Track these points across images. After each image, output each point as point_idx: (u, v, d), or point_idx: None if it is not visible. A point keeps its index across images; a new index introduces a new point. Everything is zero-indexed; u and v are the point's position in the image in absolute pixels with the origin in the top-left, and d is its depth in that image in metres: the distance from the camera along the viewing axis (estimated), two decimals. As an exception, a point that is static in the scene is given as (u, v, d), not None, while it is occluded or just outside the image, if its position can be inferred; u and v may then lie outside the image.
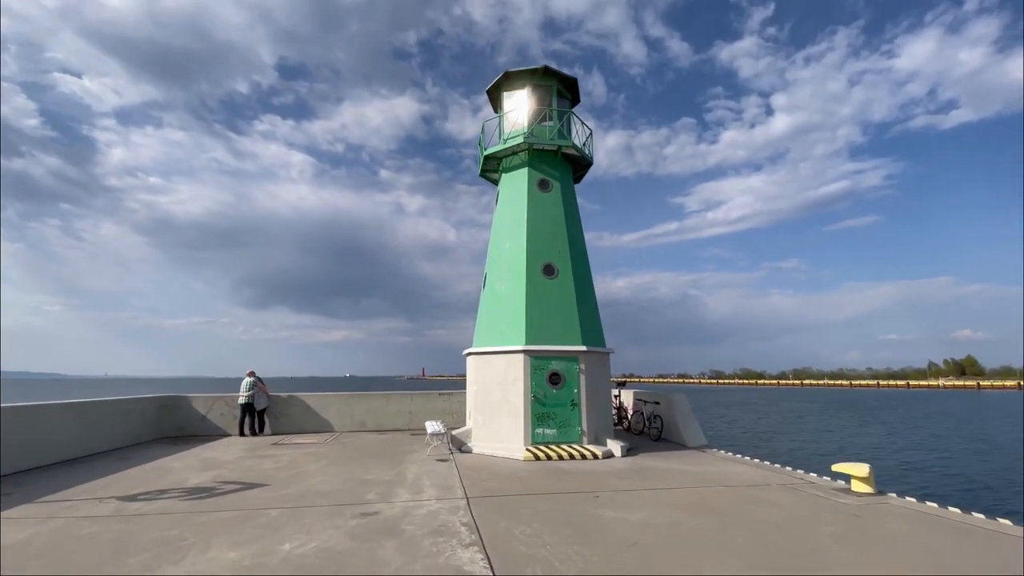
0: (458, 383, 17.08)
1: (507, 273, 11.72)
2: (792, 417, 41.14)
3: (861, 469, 7.62)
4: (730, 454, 11.07)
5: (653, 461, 10.04)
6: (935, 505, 6.88)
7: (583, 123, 13.19)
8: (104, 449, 11.27)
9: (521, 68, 12.66)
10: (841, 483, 8.15)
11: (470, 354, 11.95)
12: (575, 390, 10.72)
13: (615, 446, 10.52)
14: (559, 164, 12.63)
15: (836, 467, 7.93)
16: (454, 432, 11.32)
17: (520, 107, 12.75)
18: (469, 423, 11.80)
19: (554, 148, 12.39)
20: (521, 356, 10.68)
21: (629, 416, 14.49)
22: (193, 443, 12.44)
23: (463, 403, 14.51)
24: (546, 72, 12.66)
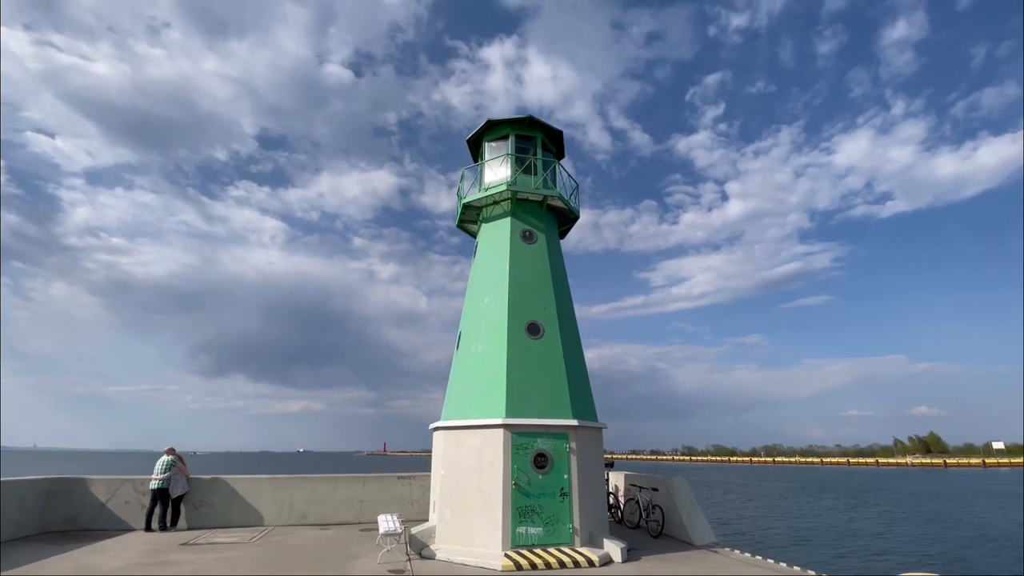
0: (421, 461, 14.72)
1: (485, 332, 10.15)
2: (778, 499, 38.99)
3: (936, 586, 5.98)
4: (747, 555, 9.21)
5: (662, 568, 8.09)
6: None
7: (570, 176, 12.35)
8: (-51, 554, 8.54)
9: (505, 117, 11.91)
10: (905, 602, 6.45)
11: (438, 429, 10.03)
12: (565, 475, 8.87)
13: (614, 548, 8.54)
14: (544, 216, 11.56)
15: (903, 582, 6.27)
16: (414, 531, 9.12)
17: (503, 156, 11.83)
18: (433, 518, 9.63)
19: (539, 198, 11.36)
20: (500, 432, 8.87)
21: (622, 505, 12.48)
22: (83, 540, 9.76)
23: (426, 489, 12.25)
24: (531, 122, 11.92)
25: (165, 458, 11.53)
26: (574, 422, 9.12)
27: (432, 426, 10.31)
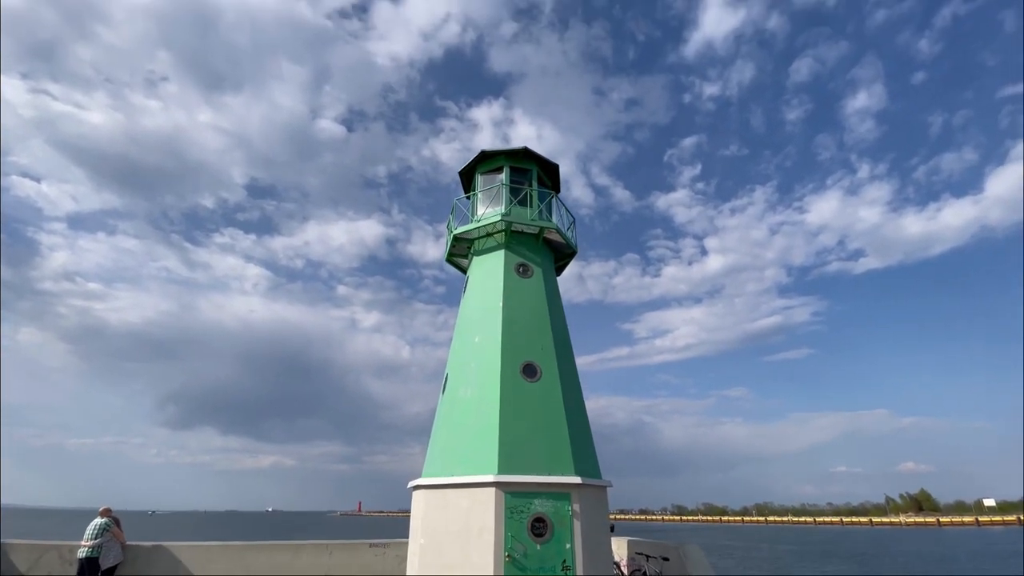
0: (399, 523, 13.09)
1: (475, 374, 9.05)
2: (780, 565, 36.70)
3: None
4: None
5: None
6: None
7: (567, 210, 11.70)
8: None
9: (499, 148, 11.36)
10: None
11: (418, 488, 8.69)
12: (567, 545, 7.55)
13: (626, 635, 7.15)
14: (540, 249, 10.78)
15: None
16: (387, 614, 7.61)
17: (497, 186, 11.18)
18: (410, 597, 8.13)
19: (535, 230, 10.62)
20: (492, 492, 7.60)
21: (626, 577, 10.98)
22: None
23: (403, 559, 10.65)
24: (526, 154, 11.37)
25: (98, 521, 9.91)
26: (577, 479, 7.91)
27: (411, 484, 8.96)
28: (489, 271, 10.27)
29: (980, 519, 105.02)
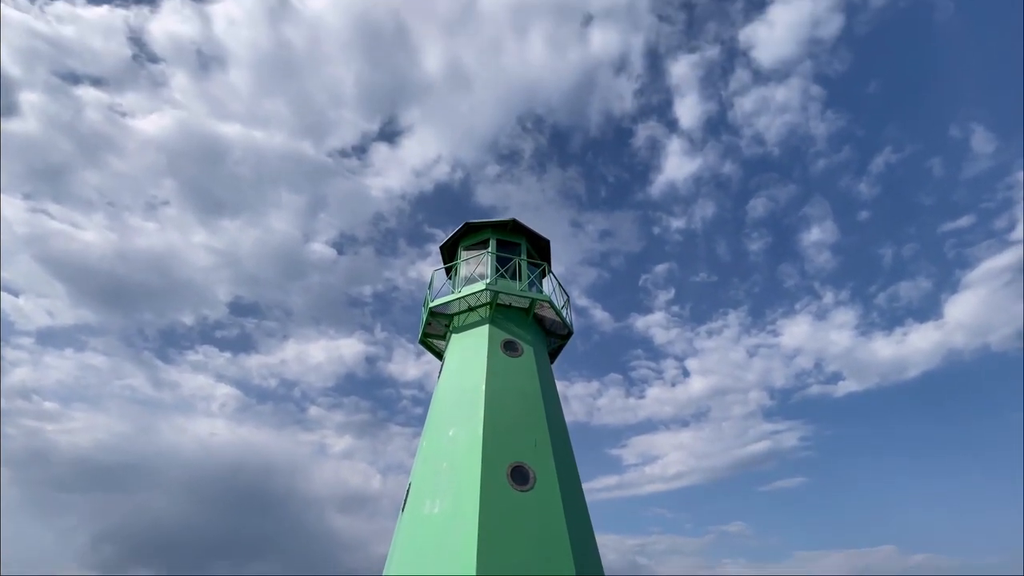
0: None
1: (447, 480, 6.78)
2: None
3: None
4: None
5: None
6: None
7: (560, 285, 10.31)
8: None
9: (485, 220, 10.31)
10: None
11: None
12: None
13: None
14: (530, 326, 9.15)
15: None
16: None
17: (483, 254, 9.89)
18: None
19: (525, 304, 9.08)
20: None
21: None
22: None
23: None
24: (515, 227, 10.33)
25: None
26: (591, 641, 5.38)
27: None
28: (470, 348, 8.48)
29: None
